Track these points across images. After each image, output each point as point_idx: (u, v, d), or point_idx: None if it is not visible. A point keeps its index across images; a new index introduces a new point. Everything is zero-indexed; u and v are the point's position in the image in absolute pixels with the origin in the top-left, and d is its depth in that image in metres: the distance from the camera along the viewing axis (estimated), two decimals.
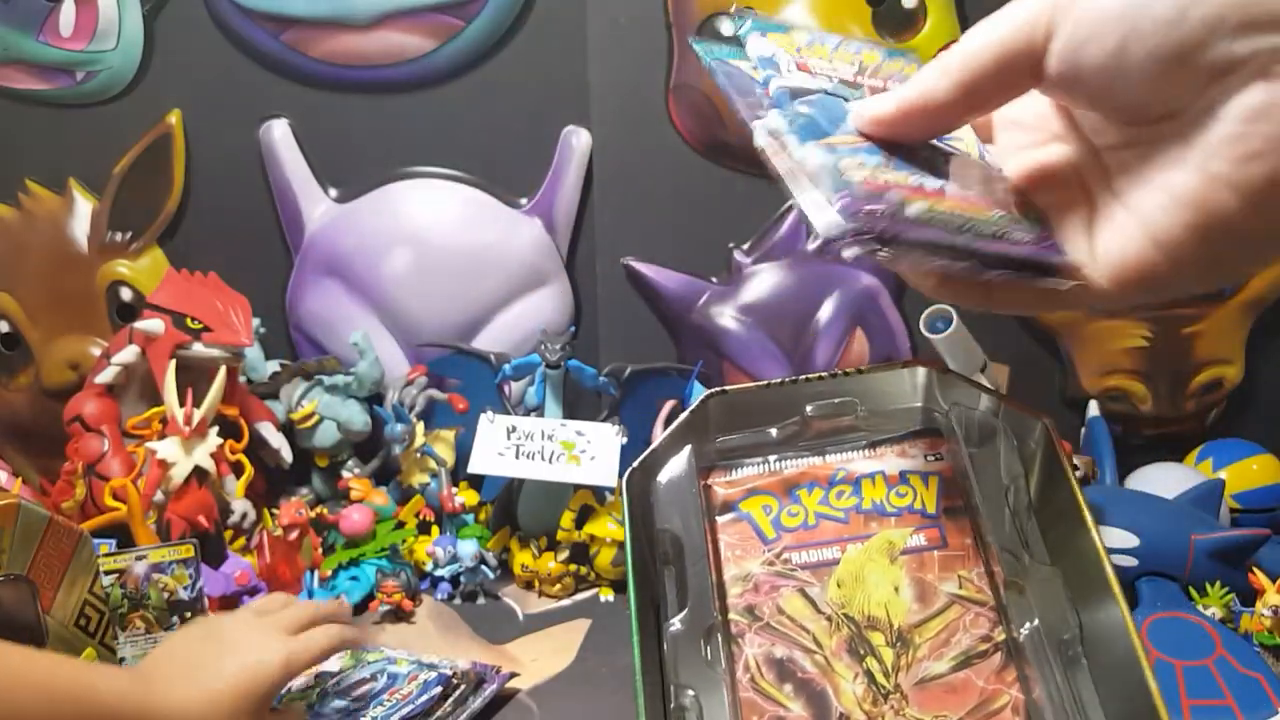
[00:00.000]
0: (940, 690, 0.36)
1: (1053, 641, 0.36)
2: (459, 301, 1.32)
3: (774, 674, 0.37)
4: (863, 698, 0.36)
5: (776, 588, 0.40)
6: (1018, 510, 0.39)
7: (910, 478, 0.41)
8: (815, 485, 0.42)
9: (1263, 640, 0.95)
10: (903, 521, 0.40)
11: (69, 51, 1.31)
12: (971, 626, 0.38)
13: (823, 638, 0.38)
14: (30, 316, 1.35)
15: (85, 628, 0.79)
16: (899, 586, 0.38)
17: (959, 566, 0.39)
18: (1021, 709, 0.36)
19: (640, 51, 1.28)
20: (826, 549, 0.40)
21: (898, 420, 0.43)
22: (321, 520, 1.19)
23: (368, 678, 0.94)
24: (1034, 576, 0.37)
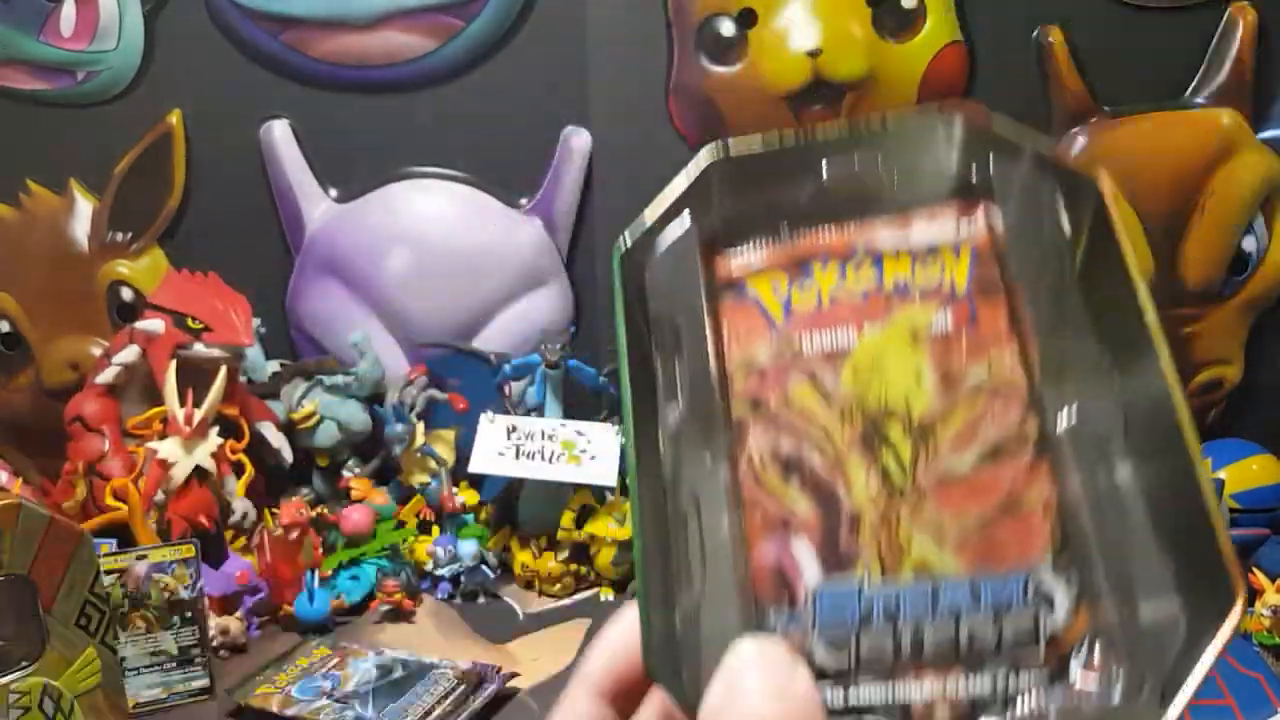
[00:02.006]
0: (963, 487, 0.32)
1: (1093, 431, 0.32)
2: (459, 301, 1.32)
3: (780, 470, 0.33)
4: (876, 495, 0.33)
5: (785, 376, 0.35)
6: (1061, 285, 0.34)
7: (940, 248, 0.36)
8: (831, 260, 0.36)
9: (1262, 640, 0.95)
10: (929, 300, 0.35)
11: (70, 52, 1.31)
12: (1000, 416, 0.33)
13: (834, 431, 0.34)
14: (31, 316, 1.35)
15: (86, 627, 0.79)
16: (921, 373, 0.34)
17: (990, 350, 0.34)
18: (1054, 507, 0.32)
19: (640, 52, 1.28)
20: (841, 332, 0.35)
21: (927, 180, 0.37)
22: (322, 520, 1.19)
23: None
24: (1077, 359, 0.33)
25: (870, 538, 0.32)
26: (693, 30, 1.26)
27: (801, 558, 0.32)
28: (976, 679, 0.30)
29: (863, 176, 0.37)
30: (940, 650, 0.31)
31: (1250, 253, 1.23)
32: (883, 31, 1.22)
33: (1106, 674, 0.30)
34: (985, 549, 0.32)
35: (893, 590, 0.31)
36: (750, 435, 0.34)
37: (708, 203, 0.38)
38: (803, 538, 0.32)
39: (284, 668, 0.98)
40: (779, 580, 0.32)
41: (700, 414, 0.35)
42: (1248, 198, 1.21)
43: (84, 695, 0.77)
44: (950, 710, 0.30)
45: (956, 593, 0.31)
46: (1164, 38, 1.22)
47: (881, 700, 0.30)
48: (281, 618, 1.10)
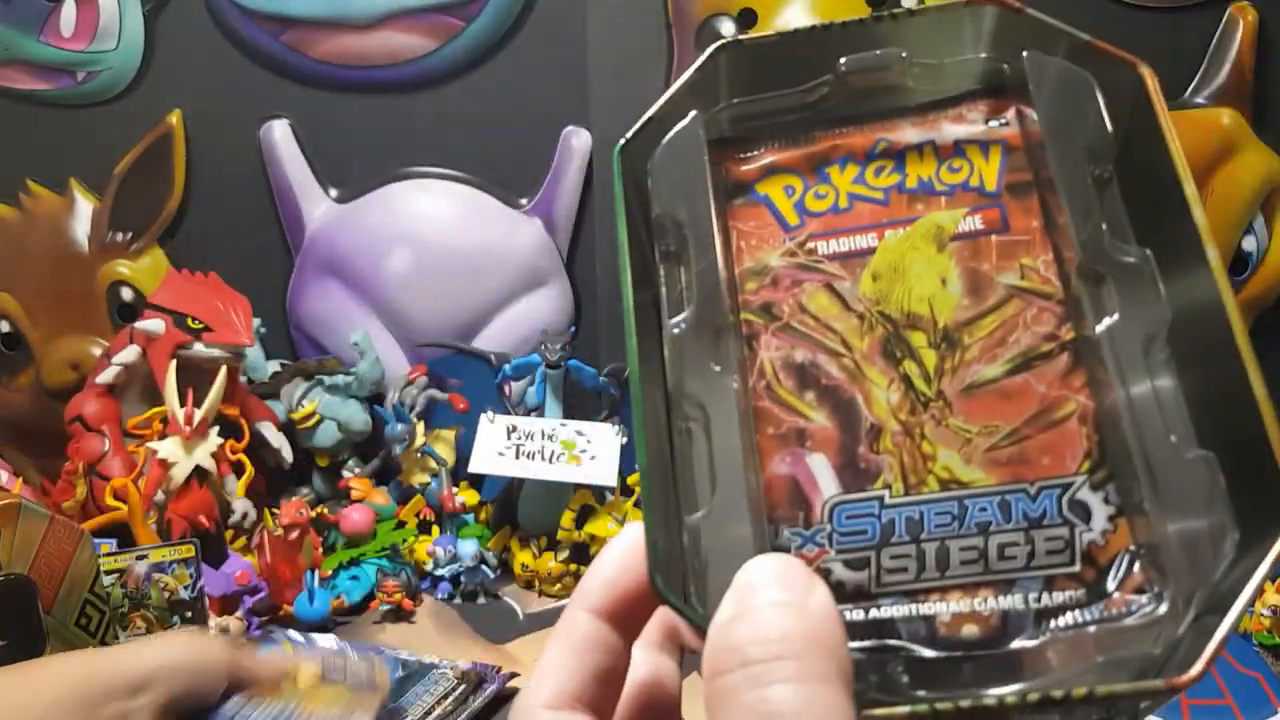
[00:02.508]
0: (992, 397, 0.30)
1: (1135, 339, 0.29)
2: (459, 301, 1.32)
3: (794, 380, 0.31)
4: (898, 406, 0.31)
5: (799, 282, 0.33)
6: (1098, 182, 0.31)
7: (967, 148, 0.33)
8: (849, 160, 0.34)
9: (1262, 640, 0.95)
10: (955, 201, 0.33)
11: (70, 52, 1.31)
12: (1034, 323, 0.31)
13: (852, 339, 0.32)
14: (31, 316, 1.35)
15: (86, 627, 0.79)
16: (947, 278, 0.32)
17: (1022, 254, 0.32)
18: (1090, 418, 0.30)
19: (640, 52, 1.28)
20: (860, 236, 0.33)
21: (954, 76, 0.34)
22: (322, 520, 1.19)
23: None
24: (1116, 262, 0.30)
25: (892, 450, 0.31)
26: (693, 30, 1.26)
27: (818, 472, 0.31)
28: (1007, 595, 0.29)
29: (884, 71, 0.35)
30: (968, 566, 0.29)
31: (1250, 252, 1.23)
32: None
33: (1148, 590, 0.28)
34: (1016, 461, 0.30)
35: (916, 505, 0.30)
36: (761, 344, 0.32)
37: (716, 98, 0.35)
38: (819, 451, 0.31)
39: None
40: (794, 496, 0.30)
41: (707, 321, 0.32)
42: (1248, 198, 1.21)
43: None
44: (980, 626, 0.29)
45: (985, 507, 0.30)
46: (1164, 37, 1.22)
47: (905, 615, 0.29)
48: (281, 618, 1.10)
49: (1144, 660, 0.27)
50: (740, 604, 0.26)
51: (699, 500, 0.30)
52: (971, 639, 0.28)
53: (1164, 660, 0.27)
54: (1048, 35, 0.33)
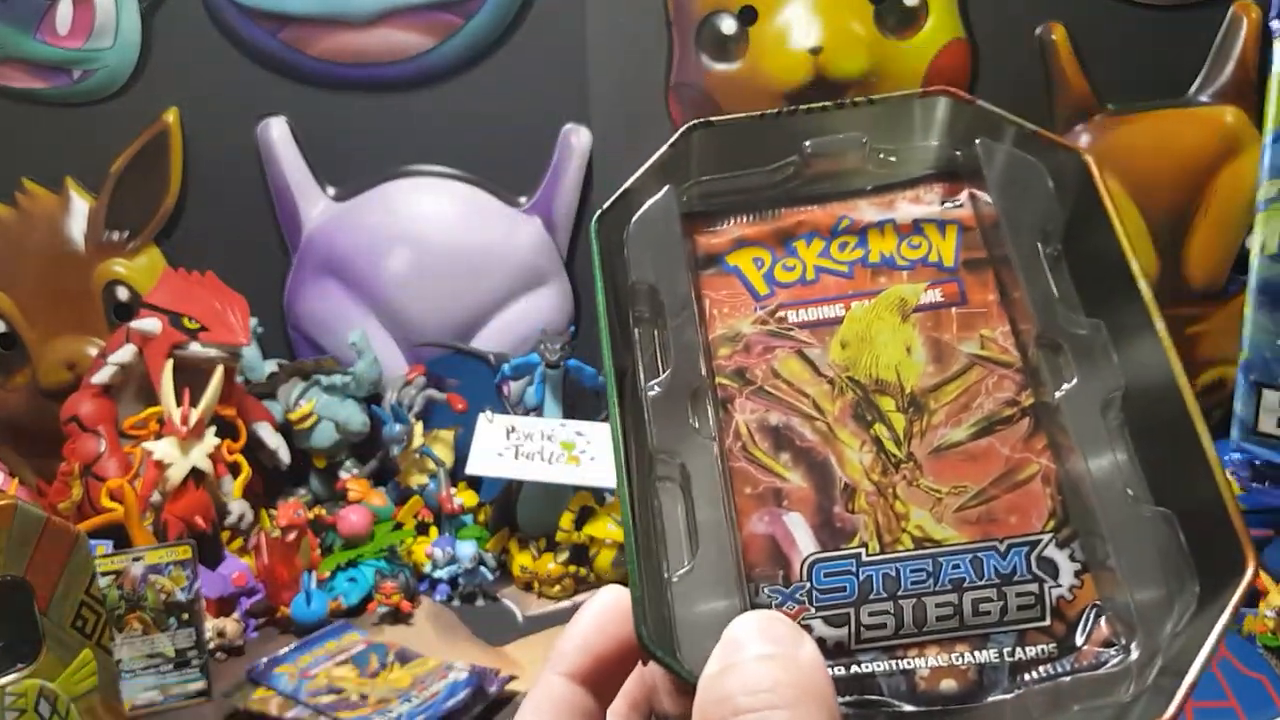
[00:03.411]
0: (958, 459, 0.32)
1: (1091, 404, 0.32)
2: (458, 301, 1.32)
3: (769, 442, 0.32)
4: (871, 467, 0.32)
5: (771, 349, 0.34)
6: (1052, 261, 0.34)
7: (925, 227, 0.36)
8: (815, 235, 0.36)
9: (1266, 642, 0.95)
10: (916, 275, 0.35)
11: (66, 50, 1.30)
12: (995, 390, 0.33)
13: (824, 403, 0.33)
14: (27, 316, 1.34)
15: (82, 629, 0.78)
16: (911, 347, 0.34)
17: (981, 325, 0.34)
18: (1052, 479, 0.31)
19: (640, 49, 1.28)
20: (828, 306, 0.35)
21: (911, 160, 0.37)
22: (319, 521, 1.18)
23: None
24: (1070, 332, 0.32)
25: (867, 510, 0.32)
26: (693, 27, 1.25)
27: (795, 531, 0.31)
28: (983, 650, 0.30)
29: (846, 155, 0.37)
30: (944, 621, 0.30)
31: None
32: (885, 29, 1.22)
33: (1115, 643, 0.29)
34: (985, 520, 0.31)
35: (892, 563, 0.31)
36: (736, 407, 0.34)
37: (687, 174, 0.37)
38: (796, 510, 0.32)
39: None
40: (773, 554, 0.31)
41: (684, 383, 0.33)
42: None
43: (80, 698, 0.76)
44: (958, 680, 0.29)
45: (958, 564, 0.31)
46: (1167, 35, 1.21)
47: (885, 670, 0.30)
48: (279, 620, 1.10)
49: (1117, 709, 0.28)
50: (729, 657, 0.26)
51: (681, 558, 0.30)
52: (950, 693, 0.29)
53: (1136, 708, 0.28)
54: (996, 124, 0.36)
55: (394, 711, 0.88)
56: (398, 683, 0.94)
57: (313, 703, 0.91)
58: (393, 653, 1.00)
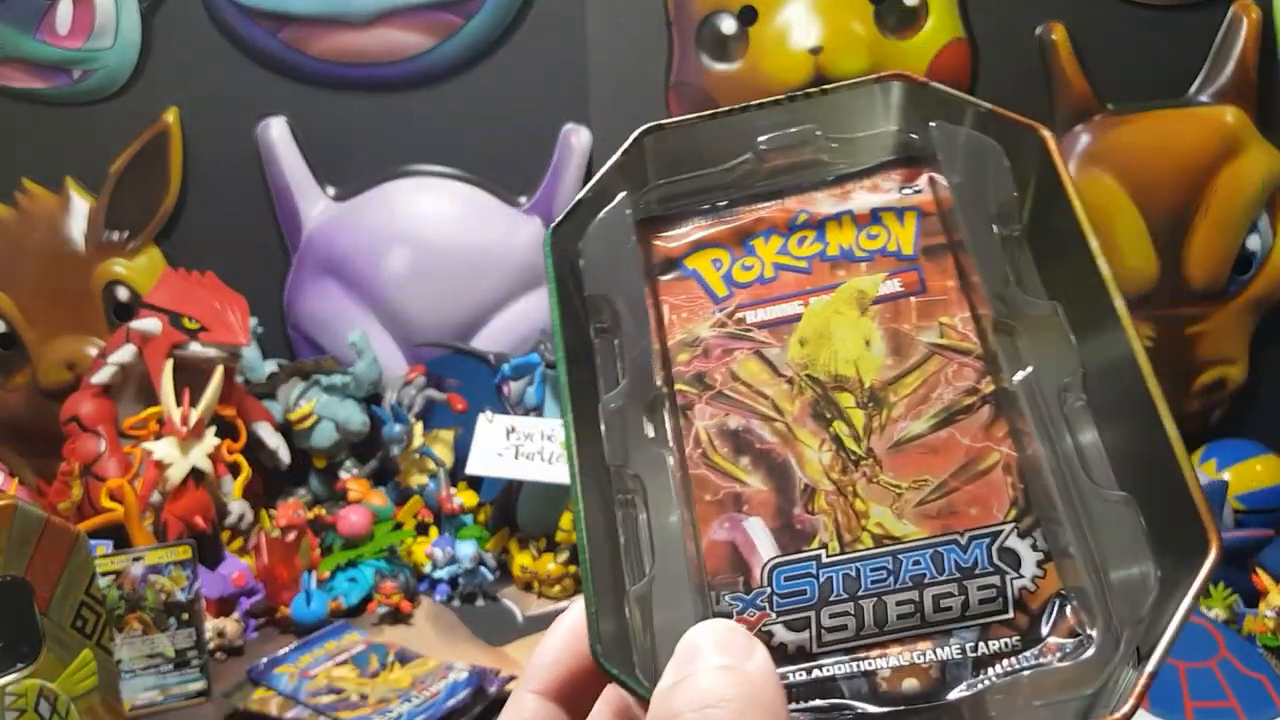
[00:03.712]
0: (919, 452, 0.32)
1: (1051, 388, 0.31)
2: (458, 301, 1.32)
3: (729, 446, 0.32)
4: (830, 466, 0.32)
5: (729, 351, 0.34)
6: (1009, 241, 0.33)
7: (883, 215, 0.35)
8: (773, 232, 0.35)
9: (1266, 642, 0.95)
10: (875, 266, 0.34)
11: (66, 50, 1.30)
12: (955, 379, 0.32)
13: (783, 403, 0.33)
14: (27, 316, 1.34)
15: (82, 629, 0.78)
16: (870, 340, 0.33)
17: (940, 313, 0.33)
18: (1014, 467, 0.31)
19: (640, 49, 1.28)
20: (787, 304, 0.34)
21: (868, 149, 0.36)
22: (319, 521, 1.18)
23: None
24: (1029, 315, 0.32)
25: (826, 510, 0.31)
26: (693, 27, 1.25)
27: (755, 536, 0.31)
28: (945, 646, 0.30)
29: (800, 148, 0.36)
30: (905, 620, 0.30)
31: (1255, 251, 1.22)
32: (885, 29, 1.22)
33: (1080, 633, 0.29)
34: (946, 513, 0.31)
35: (852, 563, 0.30)
36: (696, 413, 0.33)
37: (643, 181, 0.37)
38: (756, 515, 0.32)
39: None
40: (733, 561, 0.31)
41: (642, 395, 0.33)
42: (1252, 196, 1.20)
43: (80, 698, 0.76)
44: (920, 679, 0.29)
45: (919, 560, 0.30)
46: (1168, 35, 1.21)
47: (847, 673, 0.30)
48: (279, 620, 1.10)
49: (1081, 702, 0.28)
50: (680, 671, 0.26)
51: (642, 571, 0.30)
52: (913, 692, 0.29)
53: (1100, 700, 0.28)
54: (953, 106, 0.35)
55: (394, 711, 0.88)
56: (398, 683, 0.94)
57: (313, 703, 0.91)
58: (393, 653, 1.00)
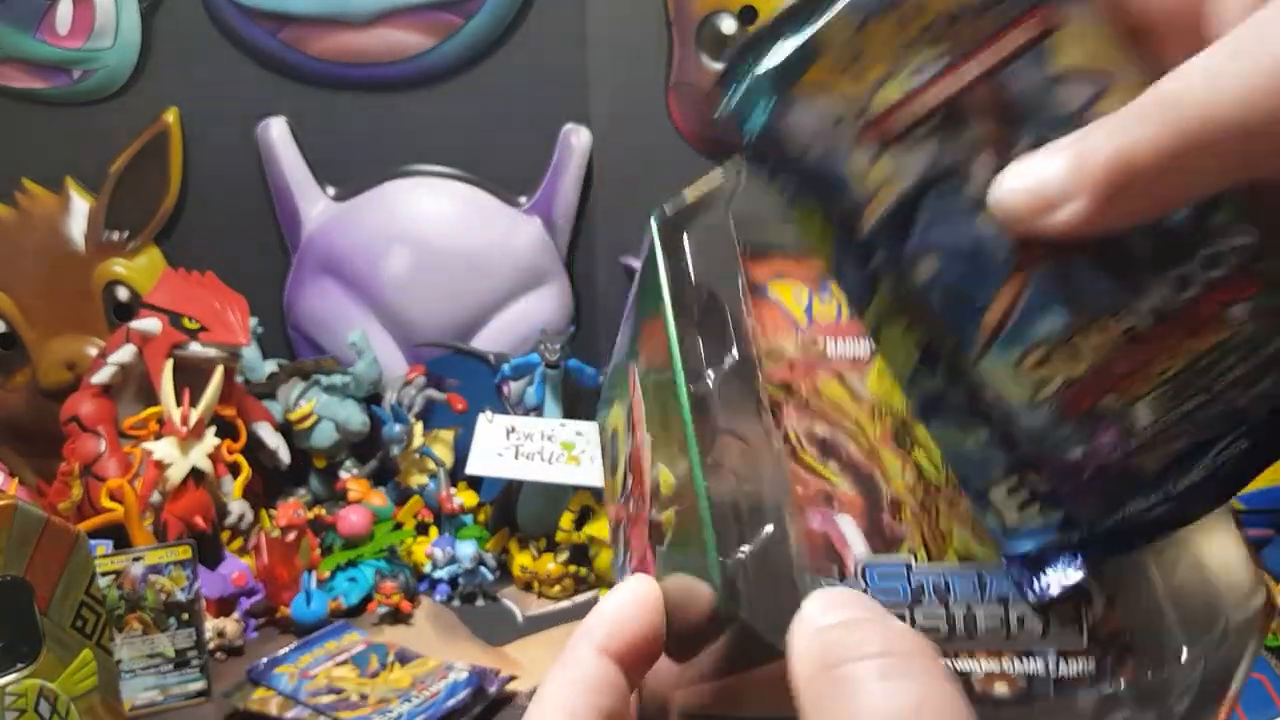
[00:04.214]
0: None
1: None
2: (458, 301, 1.32)
3: (817, 450, 0.33)
4: (914, 486, 0.32)
5: (813, 369, 0.34)
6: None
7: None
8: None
9: (1266, 642, 0.95)
10: None
11: (66, 50, 1.30)
12: None
13: (866, 425, 0.33)
14: (27, 316, 1.34)
15: (82, 629, 0.78)
16: None
17: None
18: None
19: (640, 49, 1.28)
20: (863, 342, 0.35)
21: None
22: (319, 521, 1.18)
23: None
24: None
25: (913, 523, 0.32)
26: (693, 27, 1.25)
27: (847, 532, 0.32)
28: (1029, 661, 0.30)
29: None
30: (993, 633, 0.31)
31: None
32: None
33: (1150, 667, 0.30)
34: None
35: (941, 573, 0.31)
36: (784, 414, 0.34)
37: (735, 197, 0.37)
38: (847, 514, 0.32)
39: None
40: (827, 550, 0.32)
41: (746, 377, 0.34)
42: None
43: (80, 698, 0.76)
44: (1009, 686, 0.30)
45: (1001, 581, 0.31)
46: None
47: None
48: (279, 620, 1.10)
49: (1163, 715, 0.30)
50: (837, 612, 0.26)
51: (751, 535, 0.31)
52: (1004, 697, 0.30)
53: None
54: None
55: (394, 711, 0.88)
56: (398, 683, 0.94)
57: (313, 703, 0.91)
58: (393, 653, 1.00)
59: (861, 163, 0.30)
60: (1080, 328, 0.28)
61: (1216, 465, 0.29)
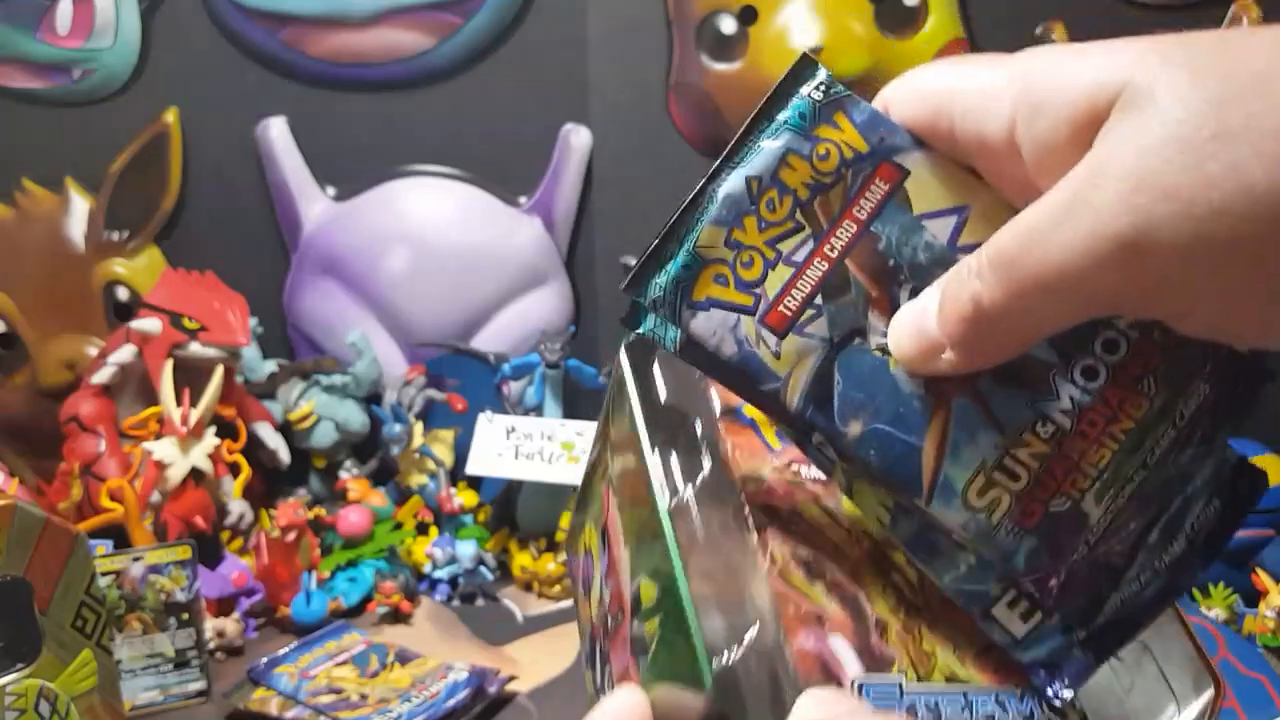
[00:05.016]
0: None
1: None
2: (457, 301, 1.32)
3: (803, 572, 0.34)
4: (895, 608, 0.34)
5: (791, 493, 0.36)
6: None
7: None
8: None
9: (1266, 642, 0.95)
10: None
11: (66, 50, 1.30)
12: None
13: (845, 547, 0.35)
14: (27, 316, 1.34)
15: (82, 629, 0.78)
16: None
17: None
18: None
19: (640, 49, 1.28)
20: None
21: None
22: (319, 521, 1.18)
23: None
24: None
25: (899, 644, 0.33)
26: (693, 27, 1.25)
27: (840, 652, 0.33)
28: None
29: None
30: None
31: None
32: (885, 29, 1.22)
33: None
34: (1001, 666, 0.33)
35: (931, 694, 0.32)
36: (769, 537, 0.35)
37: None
38: (838, 634, 0.33)
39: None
40: (822, 668, 0.32)
41: (721, 489, 0.35)
42: None
43: (80, 697, 0.76)
44: None
45: (986, 702, 0.32)
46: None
47: None
48: (279, 619, 1.10)
49: None
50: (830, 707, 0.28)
51: (734, 637, 0.32)
52: None
53: None
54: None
55: (394, 711, 0.88)
56: (398, 683, 0.94)
57: (313, 703, 0.91)
58: (393, 653, 1.00)
59: (770, 350, 0.32)
60: (1010, 445, 0.30)
61: (1194, 533, 0.31)
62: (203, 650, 0.97)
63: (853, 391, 0.31)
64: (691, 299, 0.34)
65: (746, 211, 0.33)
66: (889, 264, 0.31)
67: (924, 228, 0.31)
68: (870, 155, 0.32)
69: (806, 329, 0.32)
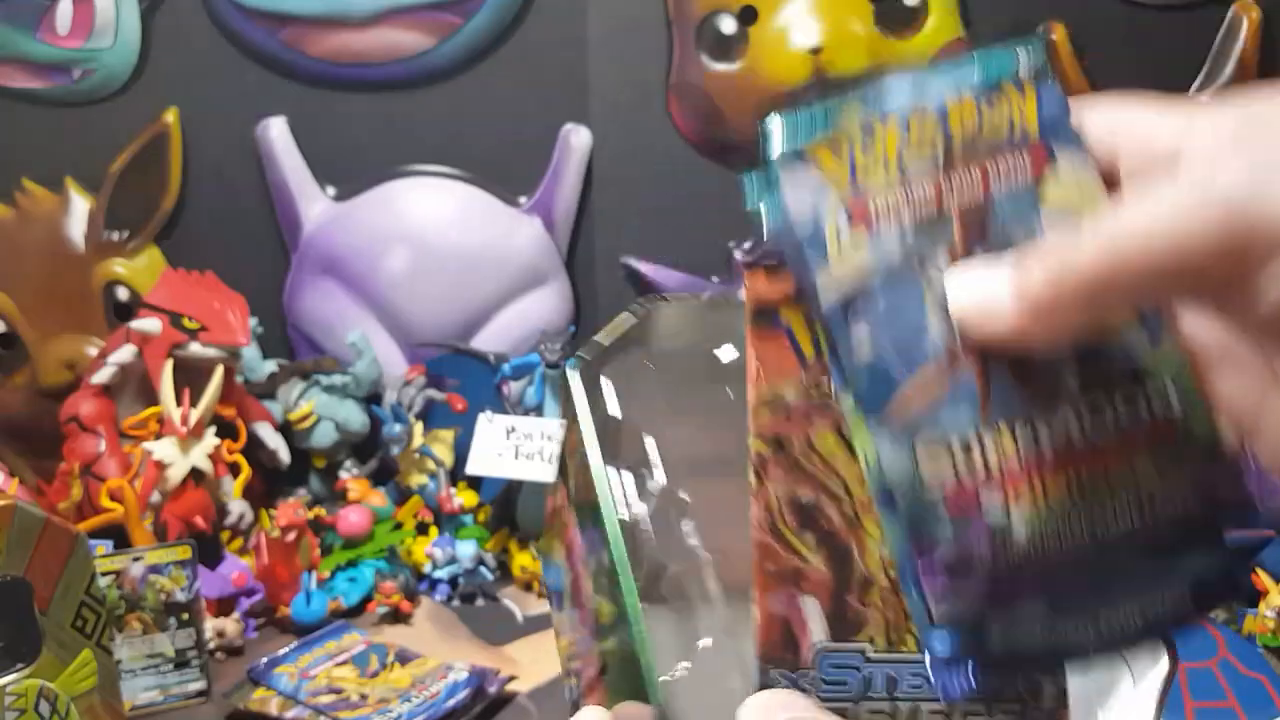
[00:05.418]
0: None
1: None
2: (457, 301, 1.32)
3: (796, 519, 0.33)
4: (889, 561, 0.32)
5: (810, 419, 0.34)
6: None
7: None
8: None
9: (1266, 642, 0.95)
10: None
11: (66, 50, 1.30)
12: None
13: (854, 486, 0.33)
14: (27, 316, 1.34)
15: (82, 629, 0.78)
16: None
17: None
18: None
19: (640, 49, 1.28)
20: None
21: None
22: (319, 521, 1.18)
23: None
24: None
25: (878, 605, 0.32)
26: (693, 27, 1.25)
27: (809, 615, 0.32)
28: None
29: None
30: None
31: None
32: (885, 29, 1.22)
33: None
34: None
35: (894, 664, 0.32)
36: (770, 476, 0.34)
37: (648, 345, 0.40)
38: (812, 596, 0.32)
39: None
40: (785, 636, 0.32)
41: (671, 505, 0.35)
42: None
43: (80, 697, 0.76)
44: None
45: None
46: (1167, 36, 1.21)
47: None
48: (279, 619, 1.10)
49: None
50: (775, 714, 0.29)
51: (684, 652, 0.32)
52: None
53: None
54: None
55: (394, 711, 0.88)
56: (398, 683, 0.94)
57: (313, 703, 0.91)
58: (393, 653, 1.00)
59: (838, 238, 0.31)
60: (982, 429, 0.29)
61: (1152, 617, 0.29)
62: (203, 650, 0.97)
63: (881, 312, 0.30)
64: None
65: (894, 111, 0.32)
66: (987, 227, 0.30)
67: (1036, 219, 0.30)
68: (1035, 133, 0.32)
69: (882, 236, 0.30)
